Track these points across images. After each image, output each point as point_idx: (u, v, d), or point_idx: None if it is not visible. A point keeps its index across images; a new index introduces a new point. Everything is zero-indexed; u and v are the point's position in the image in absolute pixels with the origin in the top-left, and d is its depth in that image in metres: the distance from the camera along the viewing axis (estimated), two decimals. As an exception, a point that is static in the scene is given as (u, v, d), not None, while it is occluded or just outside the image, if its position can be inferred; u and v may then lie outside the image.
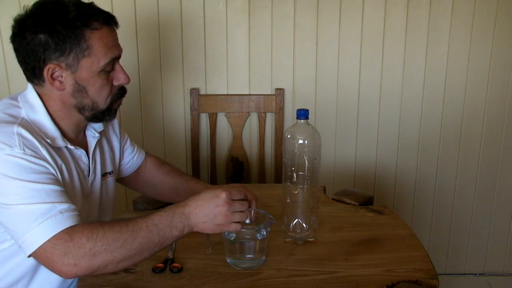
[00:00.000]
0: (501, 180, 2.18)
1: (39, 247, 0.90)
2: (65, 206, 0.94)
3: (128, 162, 1.36)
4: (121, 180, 1.39)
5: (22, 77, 1.08)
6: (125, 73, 1.10)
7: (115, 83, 1.10)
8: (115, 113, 1.15)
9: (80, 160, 1.12)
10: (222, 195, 0.99)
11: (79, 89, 1.05)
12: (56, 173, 1.00)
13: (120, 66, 1.10)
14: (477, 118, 2.09)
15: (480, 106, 2.08)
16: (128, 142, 1.37)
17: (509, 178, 2.18)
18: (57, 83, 1.03)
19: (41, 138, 1.01)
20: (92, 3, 1.07)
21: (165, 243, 0.97)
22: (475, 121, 2.10)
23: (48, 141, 1.02)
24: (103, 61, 1.03)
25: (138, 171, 1.39)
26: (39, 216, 0.91)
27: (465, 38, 1.99)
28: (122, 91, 1.13)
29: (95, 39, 1.02)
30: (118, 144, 1.32)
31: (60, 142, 1.06)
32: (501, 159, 2.15)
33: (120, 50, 1.09)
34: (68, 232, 0.91)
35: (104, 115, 1.11)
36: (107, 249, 0.90)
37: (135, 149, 1.39)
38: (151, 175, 1.39)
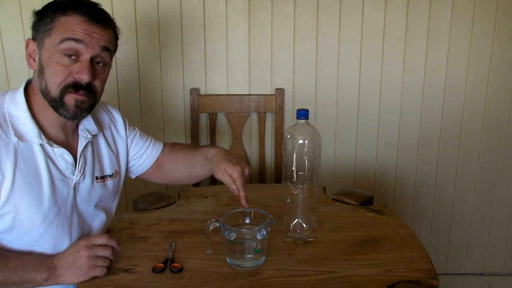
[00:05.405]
0: (501, 180, 2.18)
1: None
2: None
3: (142, 157, 1.35)
4: (144, 176, 1.39)
5: (22, 77, 1.09)
6: (88, 70, 1.06)
7: (75, 75, 1.06)
8: (76, 110, 1.08)
9: (60, 159, 1.11)
10: (82, 242, 1.05)
11: (40, 69, 1.08)
12: None
13: (88, 63, 1.07)
14: (477, 118, 2.09)
15: (480, 106, 2.08)
16: (138, 136, 1.35)
17: (509, 178, 2.18)
18: (31, 61, 1.10)
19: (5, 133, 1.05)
20: None
21: (25, 285, 1.02)
22: (475, 121, 2.10)
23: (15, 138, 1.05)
24: (57, 40, 1.05)
25: (157, 163, 1.37)
26: None
27: (465, 39, 1.99)
28: (77, 86, 1.07)
29: (61, 22, 1.06)
30: (125, 146, 1.31)
31: (34, 138, 1.07)
32: (501, 159, 2.15)
33: (85, 37, 1.05)
34: None
35: (57, 105, 1.07)
36: None
37: (150, 142, 1.37)
38: (167, 160, 1.37)
